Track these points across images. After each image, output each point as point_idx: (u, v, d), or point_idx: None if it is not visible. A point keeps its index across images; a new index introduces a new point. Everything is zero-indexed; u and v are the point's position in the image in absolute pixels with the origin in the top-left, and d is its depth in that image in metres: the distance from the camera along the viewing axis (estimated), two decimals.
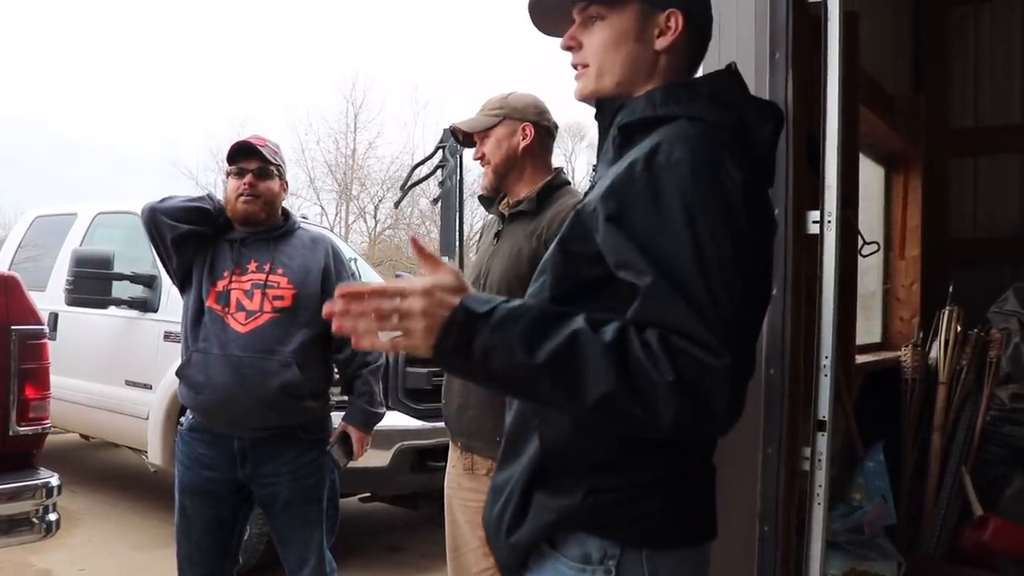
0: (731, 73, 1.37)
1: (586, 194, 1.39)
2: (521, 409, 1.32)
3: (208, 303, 2.56)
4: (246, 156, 2.64)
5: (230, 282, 2.58)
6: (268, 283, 2.59)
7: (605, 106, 1.38)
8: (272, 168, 2.66)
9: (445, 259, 9.69)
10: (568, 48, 1.40)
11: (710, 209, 1.15)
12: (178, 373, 2.60)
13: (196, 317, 2.58)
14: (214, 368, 2.51)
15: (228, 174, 2.67)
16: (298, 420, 2.61)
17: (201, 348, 2.54)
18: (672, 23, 1.33)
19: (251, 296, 2.57)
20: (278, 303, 2.58)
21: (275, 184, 2.67)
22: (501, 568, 1.36)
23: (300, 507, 2.62)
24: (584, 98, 1.40)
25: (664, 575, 1.23)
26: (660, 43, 1.34)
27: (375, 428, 2.88)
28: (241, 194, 2.61)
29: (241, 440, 2.56)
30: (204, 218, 2.61)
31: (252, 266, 2.61)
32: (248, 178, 2.61)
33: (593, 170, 1.45)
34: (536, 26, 1.46)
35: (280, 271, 2.62)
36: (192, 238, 2.60)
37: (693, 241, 1.13)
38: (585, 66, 1.38)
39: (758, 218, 1.20)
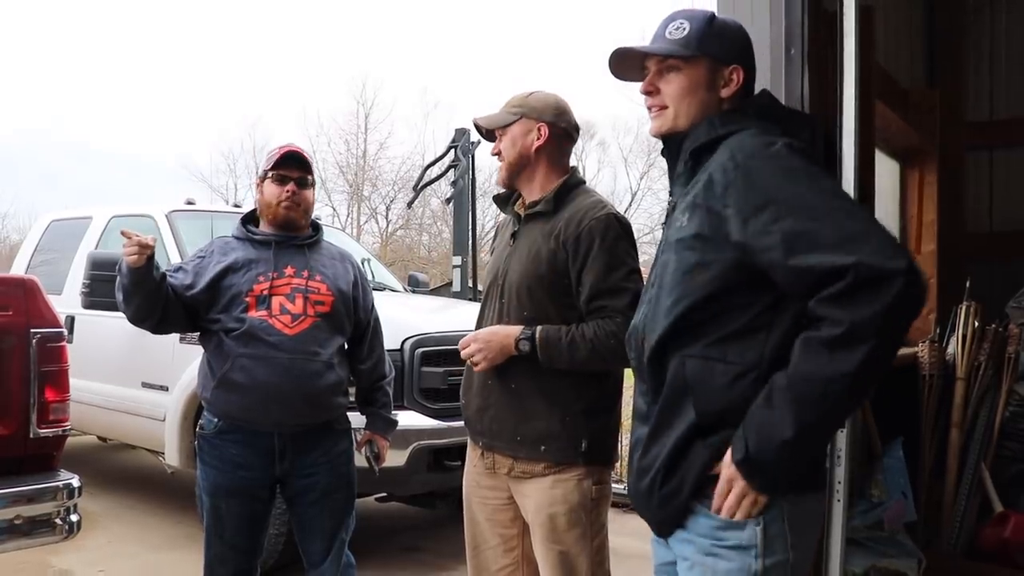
0: (766, 95, 1.68)
1: (667, 216, 1.65)
2: (674, 393, 1.55)
3: (250, 313, 2.59)
4: (291, 164, 2.71)
5: (270, 286, 2.62)
6: (309, 288, 2.66)
7: (671, 140, 1.67)
8: (310, 178, 2.77)
9: (458, 259, 9.68)
10: (647, 92, 1.68)
11: (797, 164, 1.45)
12: (220, 381, 2.59)
13: (233, 328, 2.59)
14: (261, 371, 2.56)
15: (264, 178, 2.74)
16: (334, 415, 2.72)
17: (245, 353, 2.56)
18: (735, 76, 1.64)
19: (293, 300, 2.63)
20: (319, 308, 2.66)
21: (311, 194, 2.78)
22: (660, 523, 1.59)
23: (334, 495, 2.71)
24: (660, 135, 1.69)
25: (793, 519, 1.50)
26: (725, 92, 1.64)
27: None
28: (282, 201, 2.70)
29: (281, 436, 2.62)
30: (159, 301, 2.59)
31: (289, 271, 2.67)
32: (291, 186, 2.70)
33: (669, 195, 1.69)
34: (612, 71, 1.74)
35: (318, 278, 2.70)
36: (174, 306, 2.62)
37: (806, 189, 1.42)
38: (662, 108, 1.66)
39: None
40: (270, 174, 2.72)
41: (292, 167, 2.71)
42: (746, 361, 1.47)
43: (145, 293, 2.53)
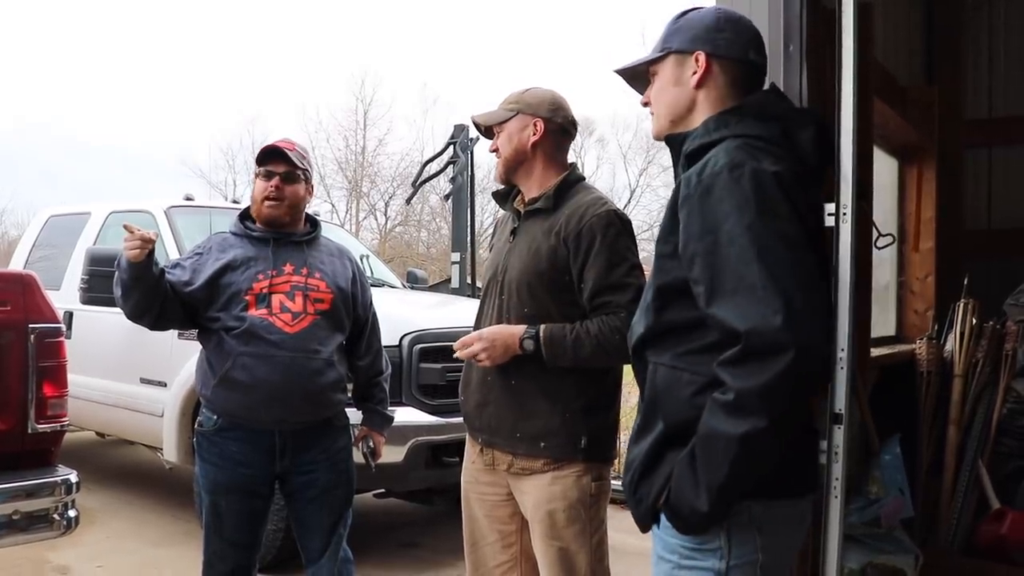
0: (773, 91, 1.68)
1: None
2: (650, 397, 1.57)
3: (250, 311, 2.58)
4: (274, 159, 2.70)
5: (270, 284, 2.61)
6: (308, 286, 2.66)
7: (672, 140, 1.67)
8: (299, 172, 2.73)
9: (456, 255, 9.69)
10: (645, 104, 1.74)
11: (752, 197, 1.41)
12: (222, 379, 2.58)
13: (233, 326, 2.58)
14: (263, 369, 2.55)
15: (256, 175, 2.74)
16: (334, 412, 2.72)
17: (246, 351, 2.56)
18: (698, 61, 1.62)
19: (292, 298, 2.63)
20: (319, 306, 2.66)
21: (300, 188, 2.74)
22: (637, 521, 1.60)
23: (333, 491, 2.72)
24: (655, 137, 1.74)
25: (764, 520, 1.50)
26: (693, 81, 1.63)
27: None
28: (267, 197, 2.68)
29: (282, 434, 2.62)
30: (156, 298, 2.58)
31: (288, 268, 2.67)
32: (275, 181, 2.68)
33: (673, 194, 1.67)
34: (636, 90, 1.81)
35: (317, 275, 2.70)
36: (171, 301, 2.61)
37: (747, 230, 1.39)
38: (652, 113, 1.72)
39: (797, 202, 1.45)
40: (259, 171, 2.73)
41: (278, 162, 2.70)
42: (710, 374, 1.45)
43: (144, 289, 2.53)
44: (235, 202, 6.56)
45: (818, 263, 1.51)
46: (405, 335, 4.19)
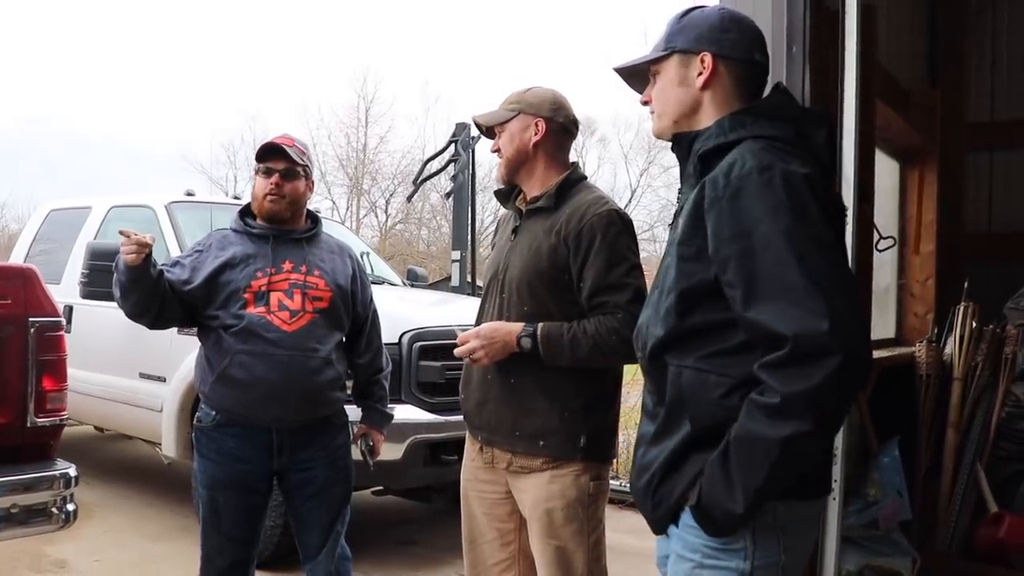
0: (781, 91, 1.65)
1: (675, 217, 1.63)
2: (673, 399, 1.54)
3: (248, 310, 2.58)
4: (274, 156, 2.69)
5: (268, 282, 2.61)
6: (307, 284, 2.65)
7: (681, 139, 1.65)
8: (299, 169, 2.72)
9: (457, 254, 9.66)
10: (645, 103, 1.73)
11: (785, 199, 1.40)
12: (219, 376, 2.58)
13: (232, 324, 2.58)
14: (260, 367, 2.55)
15: (256, 172, 2.74)
16: (332, 410, 2.72)
17: (244, 350, 2.56)
18: (705, 62, 1.61)
19: (291, 296, 2.62)
20: (318, 304, 2.65)
21: (300, 184, 2.74)
22: (653, 522, 1.60)
23: (332, 489, 2.72)
24: (656, 136, 1.72)
25: (786, 520, 1.50)
26: (699, 82, 1.61)
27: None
28: (268, 194, 2.68)
29: (280, 431, 2.62)
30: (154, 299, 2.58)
31: (287, 266, 2.66)
32: (275, 178, 2.68)
33: (679, 193, 1.68)
34: (634, 89, 1.79)
35: (316, 273, 2.69)
36: (171, 300, 2.61)
37: (784, 232, 1.38)
38: (653, 112, 1.70)
39: (825, 204, 1.45)
40: (259, 168, 2.73)
41: (277, 159, 2.70)
42: (738, 376, 1.45)
43: (142, 290, 2.53)
44: (236, 198, 6.55)
45: (839, 241, 1.51)
46: (405, 333, 4.19)
